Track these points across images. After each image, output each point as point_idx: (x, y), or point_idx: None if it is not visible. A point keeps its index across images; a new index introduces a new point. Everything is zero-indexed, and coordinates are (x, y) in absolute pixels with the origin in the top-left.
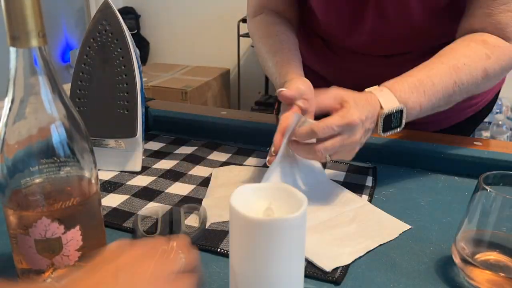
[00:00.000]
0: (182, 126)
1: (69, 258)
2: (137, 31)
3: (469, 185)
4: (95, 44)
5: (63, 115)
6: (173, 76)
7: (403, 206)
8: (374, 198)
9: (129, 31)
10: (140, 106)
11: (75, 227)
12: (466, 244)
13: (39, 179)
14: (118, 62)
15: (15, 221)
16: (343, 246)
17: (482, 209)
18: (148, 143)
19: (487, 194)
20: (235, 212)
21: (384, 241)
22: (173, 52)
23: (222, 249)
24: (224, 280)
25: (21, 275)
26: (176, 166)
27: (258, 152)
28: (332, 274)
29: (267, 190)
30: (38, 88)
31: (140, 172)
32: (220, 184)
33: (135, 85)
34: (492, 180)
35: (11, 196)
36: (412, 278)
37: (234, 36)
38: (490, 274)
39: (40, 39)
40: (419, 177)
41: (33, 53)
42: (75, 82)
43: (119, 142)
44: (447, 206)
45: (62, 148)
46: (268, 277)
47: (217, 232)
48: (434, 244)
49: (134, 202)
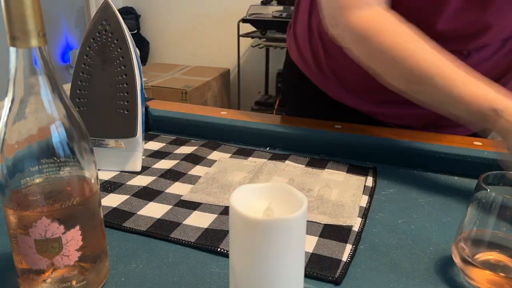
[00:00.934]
0: (182, 126)
1: (69, 258)
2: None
3: (469, 185)
4: (95, 44)
5: (63, 115)
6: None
7: (403, 206)
8: (374, 198)
9: (129, 31)
10: (140, 106)
11: (75, 227)
12: (466, 244)
13: (39, 179)
14: (118, 62)
15: (15, 221)
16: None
17: (482, 209)
18: (148, 143)
19: (487, 194)
20: (235, 212)
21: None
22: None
23: (222, 249)
24: (224, 280)
25: (21, 275)
26: (176, 166)
27: (258, 152)
28: (332, 274)
29: (267, 190)
30: (38, 88)
31: (140, 172)
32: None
33: (135, 85)
34: (492, 180)
35: (11, 196)
36: (412, 278)
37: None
38: (490, 274)
39: (40, 39)
40: (419, 177)
41: (33, 53)
42: (75, 82)
43: (119, 142)
44: (447, 206)
45: (62, 148)
46: (268, 277)
47: (217, 232)
48: (434, 244)
49: (134, 202)
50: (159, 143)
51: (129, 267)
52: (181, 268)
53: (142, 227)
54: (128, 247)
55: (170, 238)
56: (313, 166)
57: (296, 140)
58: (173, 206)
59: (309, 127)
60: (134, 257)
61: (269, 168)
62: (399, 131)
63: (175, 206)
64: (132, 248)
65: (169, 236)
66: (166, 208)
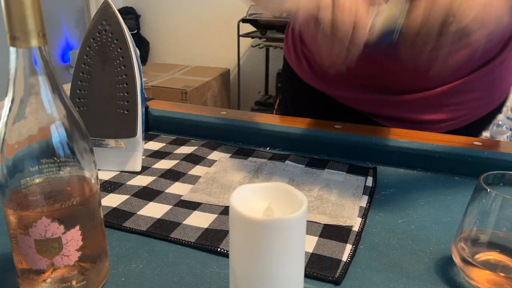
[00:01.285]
0: (182, 126)
1: (69, 258)
2: (137, 31)
3: (469, 185)
4: (95, 44)
5: (63, 115)
6: (173, 76)
7: (403, 206)
8: (374, 198)
9: (129, 31)
10: (140, 106)
11: (75, 227)
12: (466, 244)
13: (39, 179)
14: (118, 62)
15: (15, 221)
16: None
17: (482, 209)
18: (148, 143)
19: (487, 194)
20: (235, 212)
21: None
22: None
23: (222, 249)
24: (224, 280)
25: (21, 275)
26: (176, 166)
27: (258, 152)
28: (332, 274)
29: (267, 190)
30: (38, 88)
31: (140, 172)
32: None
33: (135, 85)
34: (492, 180)
35: (11, 196)
36: (412, 278)
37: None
38: (490, 274)
39: (40, 39)
40: (419, 177)
41: (33, 53)
42: (75, 82)
43: (119, 142)
44: (447, 206)
45: (62, 148)
46: (267, 276)
47: (217, 232)
48: (434, 244)
49: (134, 202)
50: (159, 143)
51: (129, 267)
52: (181, 268)
53: (142, 227)
54: (128, 247)
55: (170, 238)
56: (313, 166)
57: (296, 140)
58: (173, 206)
59: (309, 127)
60: (134, 257)
61: (269, 168)
62: (399, 131)
63: (175, 206)
64: (132, 248)
65: (169, 236)
66: (166, 208)
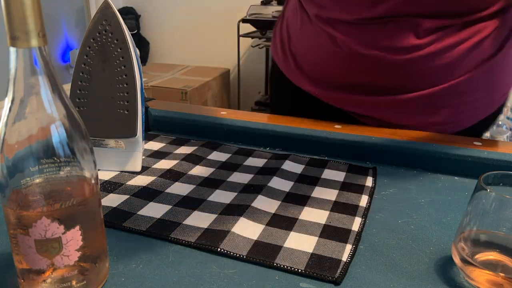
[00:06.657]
0: (182, 126)
1: (69, 258)
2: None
3: (469, 185)
4: (95, 44)
5: (63, 115)
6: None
7: (403, 206)
8: (374, 198)
9: (129, 31)
10: (140, 106)
11: (75, 227)
12: (466, 244)
13: (39, 179)
14: (118, 62)
15: (15, 221)
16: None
17: (482, 209)
18: (148, 143)
19: (487, 194)
20: None
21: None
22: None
23: (222, 249)
24: (224, 280)
25: (21, 275)
26: (176, 166)
27: (258, 152)
28: (332, 274)
29: None
30: (38, 88)
31: (140, 172)
32: None
33: (135, 85)
34: (492, 180)
35: (11, 196)
36: (412, 278)
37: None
38: (490, 274)
39: (40, 39)
40: (419, 177)
41: (33, 53)
42: (75, 82)
43: (119, 142)
44: (447, 206)
45: (62, 148)
46: None
47: (217, 232)
48: (434, 244)
49: (134, 202)
50: (159, 143)
51: (129, 267)
52: (181, 268)
53: (142, 227)
54: (128, 247)
55: (170, 238)
56: (313, 166)
57: (296, 140)
58: (173, 206)
59: (309, 127)
60: (134, 257)
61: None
62: (399, 131)
63: (175, 206)
64: (132, 248)
65: (169, 236)
66: (166, 208)
